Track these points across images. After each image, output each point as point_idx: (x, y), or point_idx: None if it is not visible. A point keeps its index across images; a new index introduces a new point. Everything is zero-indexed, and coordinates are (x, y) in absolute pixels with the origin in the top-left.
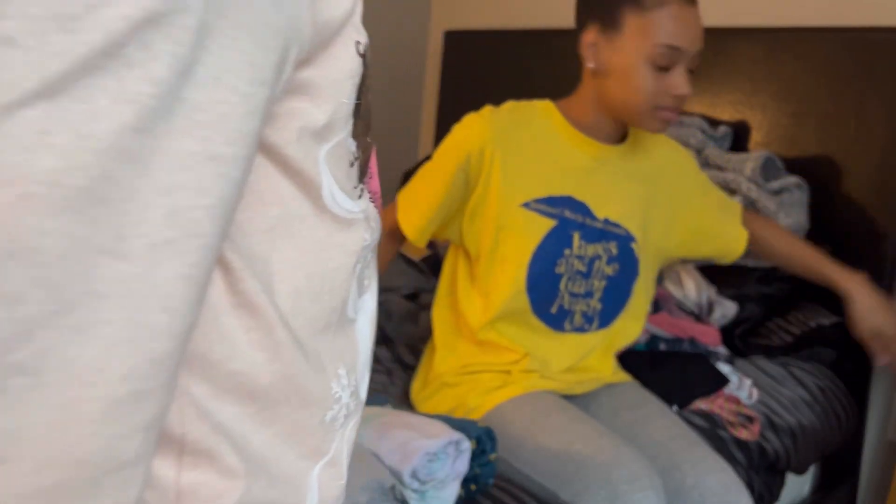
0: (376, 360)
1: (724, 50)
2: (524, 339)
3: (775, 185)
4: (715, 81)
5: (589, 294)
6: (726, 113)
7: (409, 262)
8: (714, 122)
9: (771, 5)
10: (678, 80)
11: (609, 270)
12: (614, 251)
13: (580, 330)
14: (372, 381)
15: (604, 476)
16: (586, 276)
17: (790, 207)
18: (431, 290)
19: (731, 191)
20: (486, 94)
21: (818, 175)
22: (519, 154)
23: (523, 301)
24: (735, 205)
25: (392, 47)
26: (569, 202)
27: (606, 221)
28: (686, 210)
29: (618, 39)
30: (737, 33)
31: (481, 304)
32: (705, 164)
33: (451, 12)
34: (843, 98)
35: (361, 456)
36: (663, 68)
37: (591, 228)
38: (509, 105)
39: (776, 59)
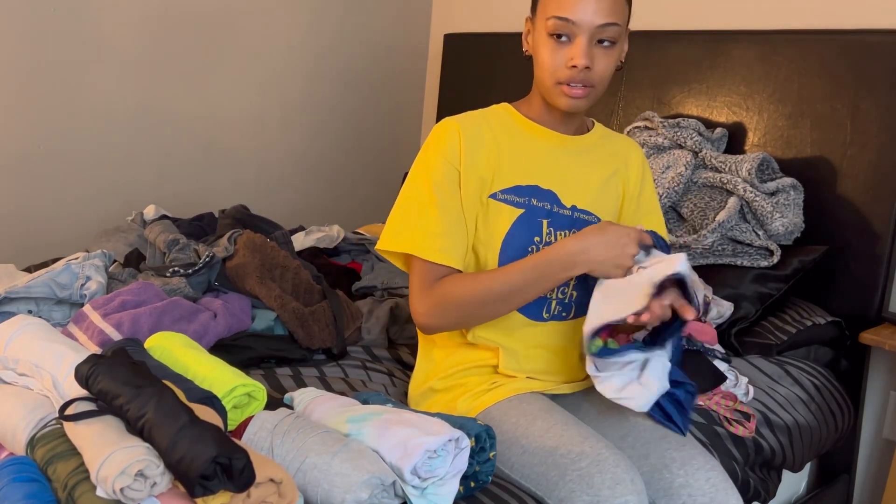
0: (377, 360)
1: (719, 52)
2: (498, 335)
3: (771, 185)
4: (711, 84)
5: (564, 282)
6: (722, 115)
7: None
8: (710, 124)
9: (766, 8)
10: (573, 51)
11: None
12: None
13: (558, 318)
14: (372, 380)
15: (586, 481)
16: None
17: (785, 208)
18: None
19: (727, 192)
20: (484, 94)
21: (813, 176)
22: (481, 151)
23: None
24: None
25: (395, 50)
26: (536, 191)
27: (574, 209)
28: (637, 209)
29: (535, 22)
30: (732, 36)
31: None
32: (701, 165)
33: (451, 16)
34: (838, 100)
35: (363, 453)
36: (563, 42)
37: (559, 216)
38: (466, 112)
39: (771, 62)
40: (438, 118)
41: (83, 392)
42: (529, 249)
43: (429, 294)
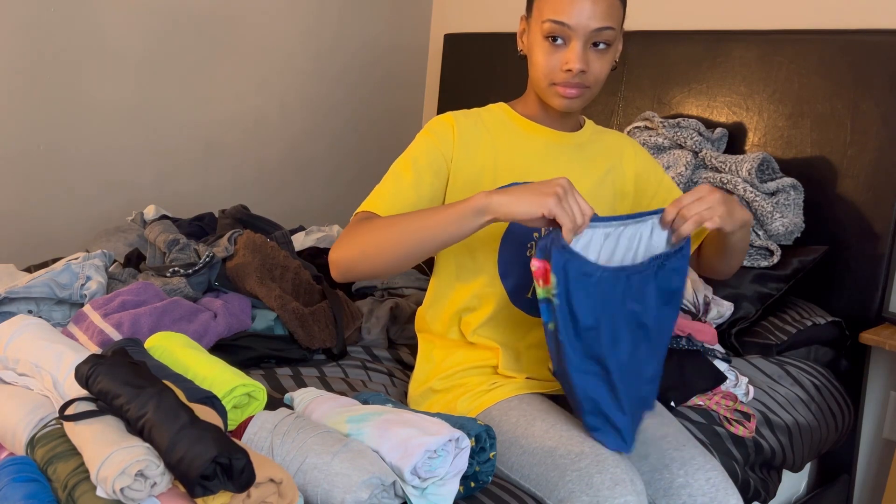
0: (377, 360)
1: (719, 52)
2: (498, 333)
3: (771, 185)
4: (711, 84)
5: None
6: (722, 115)
7: None
8: (710, 124)
9: (766, 8)
10: (568, 55)
11: None
12: None
13: None
14: (372, 380)
15: (586, 481)
16: None
17: (786, 208)
18: None
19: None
20: (484, 93)
21: (813, 176)
22: (476, 149)
23: (498, 288)
24: None
25: (395, 49)
26: None
27: None
28: (647, 195)
29: (530, 23)
30: (732, 36)
31: (462, 301)
32: (702, 165)
33: (451, 16)
34: (838, 100)
35: (363, 453)
36: (558, 45)
37: None
38: (464, 110)
39: (771, 62)
40: None
41: (83, 392)
42: (528, 247)
43: (346, 230)
